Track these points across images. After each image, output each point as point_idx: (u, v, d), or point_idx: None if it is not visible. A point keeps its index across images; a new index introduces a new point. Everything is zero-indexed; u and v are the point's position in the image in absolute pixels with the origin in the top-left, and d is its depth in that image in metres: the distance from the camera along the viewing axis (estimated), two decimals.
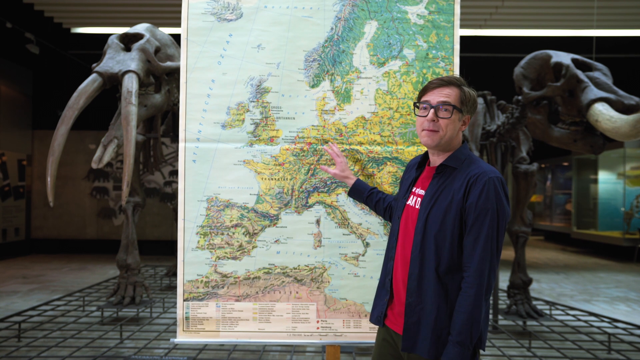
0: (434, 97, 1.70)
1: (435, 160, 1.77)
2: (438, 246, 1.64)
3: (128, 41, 3.92)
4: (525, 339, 4.14)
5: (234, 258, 2.30)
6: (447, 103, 1.68)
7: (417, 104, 1.76)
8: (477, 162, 1.71)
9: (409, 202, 1.79)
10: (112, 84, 3.66)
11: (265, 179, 2.29)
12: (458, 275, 1.64)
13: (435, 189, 1.70)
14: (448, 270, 1.64)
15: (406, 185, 1.87)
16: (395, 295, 1.77)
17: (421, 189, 1.77)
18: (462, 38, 2.43)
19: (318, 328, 2.24)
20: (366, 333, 2.22)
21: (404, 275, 1.72)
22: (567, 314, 4.89)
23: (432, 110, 1.69)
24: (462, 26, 2.28)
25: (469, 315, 1.56)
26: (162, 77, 4.06)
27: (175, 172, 9.76)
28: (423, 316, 1.64)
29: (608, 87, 3.57)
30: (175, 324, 4.44)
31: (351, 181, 2.13)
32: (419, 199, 1.75)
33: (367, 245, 2.23)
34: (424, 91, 1.75)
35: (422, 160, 1.87)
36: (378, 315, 1.84)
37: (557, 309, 5.09)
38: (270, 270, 2.28)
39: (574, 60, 3.87)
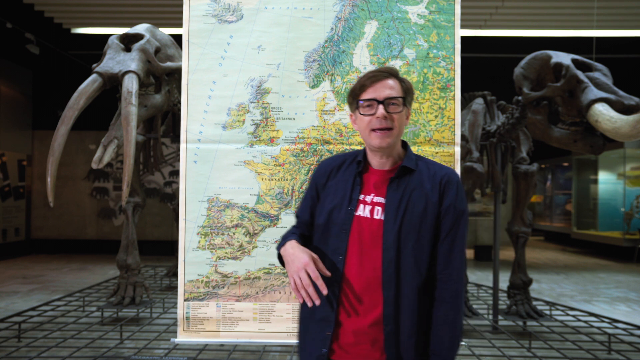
0: (379, 91, 1.48)
1: (383, 163, 1.54)
2: (417, 260, 1.46)
3: (128, 41, 3.92)
4: (525, 339, 4.14)
5: (235, 258, 2.31)
6: (394, 97, 1.49)
7: (359, 103, 1.51)
8: (431, 161, 1.58)
9: (359, 212, 1.51)
10: (112, 84, 3.66)
11: (266, 179, 2.29)
12: (433, 286, 1.49)
13: (401, 195, 1.49)
14: (427, 284, 1.49)
15: (341, 192, 1.56)
16: (347, 324, 1.48)
17: (378, 196, 1.51)
18: (462, 38, 2.42)
19: None
20: None
21: (364, 300, 1.47)
22: (567, 315, 4.89)
23: (381, 107, 1.47)
24: (462, 26, 2.27)
25: (453, 327, 1.45)
26: (162, 78, 4.06)
27: (175, 173, 9.76)
28: (403, 343, 1.44)
29: (608, 88, 3.57)
30: (175, 324, 4.43)
31: None
32: (379, 208, 1.50)
33: None
34: (361, 88, 1.50)
35: (350, 163, 1.60)
36: (319, 355, 1.49)
37: (557, 309, 5.09)
38: (270, 271, 2.28)
39: (574, 61, 3.86)
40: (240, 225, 2.30)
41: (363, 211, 1.51)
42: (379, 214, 1.49)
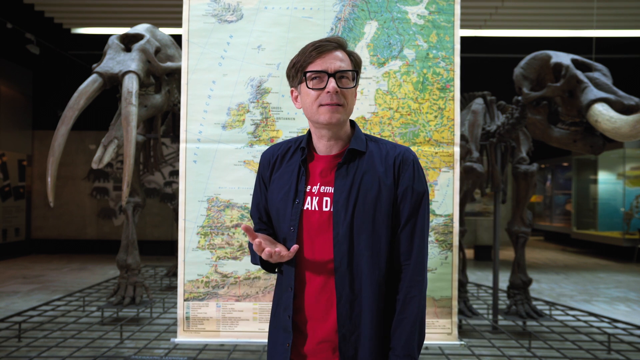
0: (328, 63, 1.32)
1: (331, 146, 1.39)
2: (374, 252, 1.33)
3: (128, 41, 3.93)
4: (525, 339, 4.14)
5: (234, 258, 2.31)
6: (346, 70, 1.33)
7: (306, 75, 1.33)
8: (384, 140, 1.44)
9: (306, 206, 1.37)
10: (113, 84, 3.67)
11: None
12: (395, 277, 1.38)
13: (351, 181, 1.34)
14: (387, 276, 1.37)
15: (286, 184, 1.41)
16: (307, 331, 1.37)
17: (325, 185, 1.37)
18: (462, 38, 2.43)
19: None
20: None
21: (322, 301, 1.35)
22: (567, 314, 4.89)
23: (332, 80, 1.31)
24: (461, 26, 2.29)
25: (415, 320, 1.33)
26: (162, 78, 4.07)
27: (175, 173, 9.76)
28: (360, 346, 1.33)
29: (608, 88, 3.57)
30: (175, 324, 4.44)
31: None
32: (327, 198, 1.35)
33: None
34: (308, 58, 1.33)
35: (295, 150, 1.45)
36: None
37: (557, 309, 5.09)
38: None
39: (573, 61, 3.87)
40: (240, 225, 2.30)
41: (311, 204, 1.36)
42: (328, 206, 1.35)
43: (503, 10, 7.60)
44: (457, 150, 2.35)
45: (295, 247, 1.30)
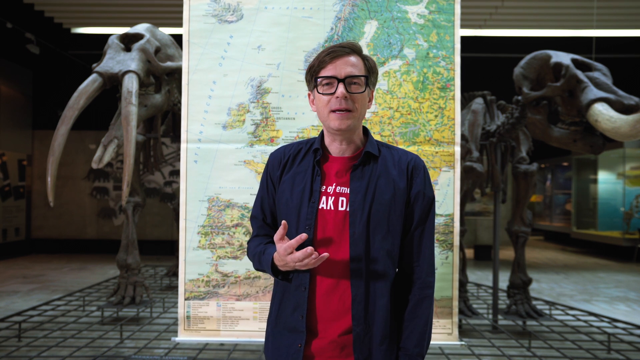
0: (339, 69, 1.34)
1: (343, 149, 1.41)
2: (389, 252, 1.37)
3: (128, 41, 3.93)
4: (525, 339, 4.15)
5: (235, 257, 2.31)
6: (356, 75, 1.35)
7: (317, 81, 1.37)
8: (393, 147, 1.48)
9: (321, 205, 1.38)
10: (112, 84, 3.68)
11: None
12: (403, 277, 1.43)
13: (367, 183, 1.37)
14: (399, 276, 1.43)
15: (300, 184, 1.41)
16: (319, 331, 1.37)
17: (341, 185, 1.39)
18: (462, 38, 2.44)
19: None
20: None
21: (334, 300, 1.36)
22: (567, 314, 4.89)
23: (341, 85, 1.33)
24: (461, 26, 2.30)
25: (426, 320, 1.38)
26: (162, 77, 4.07)
27: (175, 172, 9.76)
28: (373, 345, 1.35)
29: (608, 87, 3.58)
30: (175, 323, 4.44)
31: None
32: (343, 198, 1.37)
33: None
34: (320, 64, 1.36)
35: (307, 152, 1.47)
36: None
37: (557, 309, 5.09)
38: None
39: (573, 61, 3.87)
40: (241, 224, 2.30)
41: (326, 204, 1.38)
42: (343, 205, 1.37)
43: (503, 10, 7.60)
44: (457, 149, 2.35)
45: (304, 235, 1.26)
